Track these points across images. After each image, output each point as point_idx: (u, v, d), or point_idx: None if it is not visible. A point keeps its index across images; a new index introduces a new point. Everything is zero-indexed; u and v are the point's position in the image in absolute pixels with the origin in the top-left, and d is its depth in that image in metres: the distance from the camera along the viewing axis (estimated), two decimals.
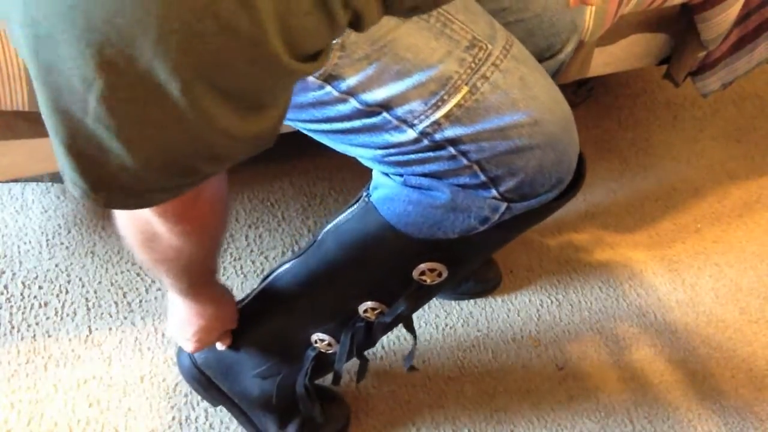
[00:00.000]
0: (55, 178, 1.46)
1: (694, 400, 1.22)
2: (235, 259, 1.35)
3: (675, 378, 1.25)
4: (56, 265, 1.33)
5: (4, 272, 1.31)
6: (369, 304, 0.96)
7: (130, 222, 0.80)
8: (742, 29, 1.39)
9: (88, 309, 1.27)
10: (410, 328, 1.05)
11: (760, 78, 1.85)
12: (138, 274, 1.32)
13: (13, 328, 1.23)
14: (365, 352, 1.05)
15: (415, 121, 0.78)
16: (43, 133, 1.09)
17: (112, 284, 1.31)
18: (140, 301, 1.28)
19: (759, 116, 1.76)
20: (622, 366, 1.26)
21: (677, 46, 1.42)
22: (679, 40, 1.41)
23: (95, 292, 1.29)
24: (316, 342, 1.02)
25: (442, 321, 1.30)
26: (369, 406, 1.18)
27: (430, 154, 0.80)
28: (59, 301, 1.27)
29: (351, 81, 0.76)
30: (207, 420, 1.14)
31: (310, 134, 0.87)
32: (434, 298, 1.32)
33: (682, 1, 1.30)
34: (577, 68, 1.31)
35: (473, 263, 1.01)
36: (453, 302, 1.32)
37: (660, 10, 1.35)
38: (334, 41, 0.70)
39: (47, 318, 1.25)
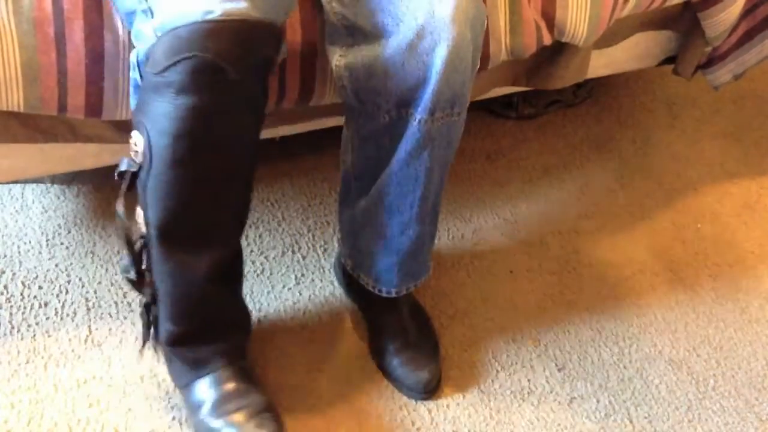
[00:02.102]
0: (56, 179, 1.46)
1: (693, 399, 1.22)
2: None
3: (675, 378, 1.25)
4: (56, 265, 1.33)
5: (4, 272, 1.31)
6: None
7: None
8: (749, 21, 1.39)
9: (88, 309, 1.27)
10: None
11: (760, 78, 1.85)
12: None
13: (13, 328, 1.23)
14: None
15: None
16: (37, 138, 1.10)
17: (112, 284, 1.31)
18: (140, 301, 1.28)
19: (759, 116, 1.76)
20: (622, 366, 1.26)
21: (682, 43, 1.42)
22: (684, 37, 1.41)
23: (95, 292, 1.29)
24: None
25: (439, 321, 1.30)
26: (369, 407, 1.18)
27: None
28: (59, 301, 1.27)
29: None
30: None
31: None
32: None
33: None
34: (575, 72, 1.31)
35: None
36: (451, 302, 1.33)
37: (663, 9, 1.35)
38: None
39: (47, 318, 1.25)
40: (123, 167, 0.98)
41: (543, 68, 1.30)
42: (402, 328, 1.22)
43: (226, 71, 0.88)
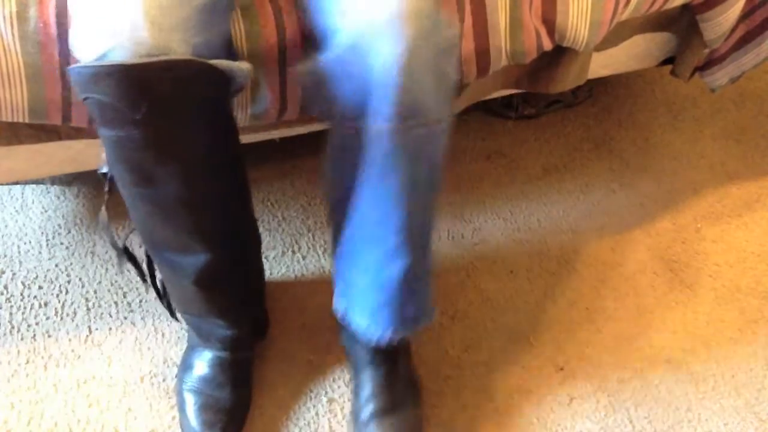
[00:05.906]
0: (56, 179, 1.46)
1: (694, 400, 1.22)
2: None
3: (675, 378, 1.25)
4: (56, 265, 1.33)
5: (4, 272, 1.31)
6: None
7: None
8: (748, 24, 1.39)
9: (88, 309, 1.27)
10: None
11: (760, 78, 1.85)
12: None
13: (13, 328, 1.23)
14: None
15: None
16: (42, 138, 1.11)
17: (112, 284, 1.31)
18: (140, 301, 1.29)
19: (759, 116, 1.76)
20: (622, 366, 1.26)
21: (680, 44, 1.42)
22: (682, 38, 1.41)
23: (95, 292, 1.29)
24: None
25: (439, 321, 1.30)
26: None
27: None
28: (59, 301, 1.28)
29: None
30: None
31: None
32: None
33: (684, 2, 1.30)
34: (576, 76, 1.31)
35: None
36: (450, 302, 1.33)
37: (662, 11, 1.35)
38: None
39: (47, 318, 1.25)
40: (104, 169, 0.97)
41: (544, 72, 1.30)
42: (386, 386, 1.10)
43: (126, 111, 0.83)
